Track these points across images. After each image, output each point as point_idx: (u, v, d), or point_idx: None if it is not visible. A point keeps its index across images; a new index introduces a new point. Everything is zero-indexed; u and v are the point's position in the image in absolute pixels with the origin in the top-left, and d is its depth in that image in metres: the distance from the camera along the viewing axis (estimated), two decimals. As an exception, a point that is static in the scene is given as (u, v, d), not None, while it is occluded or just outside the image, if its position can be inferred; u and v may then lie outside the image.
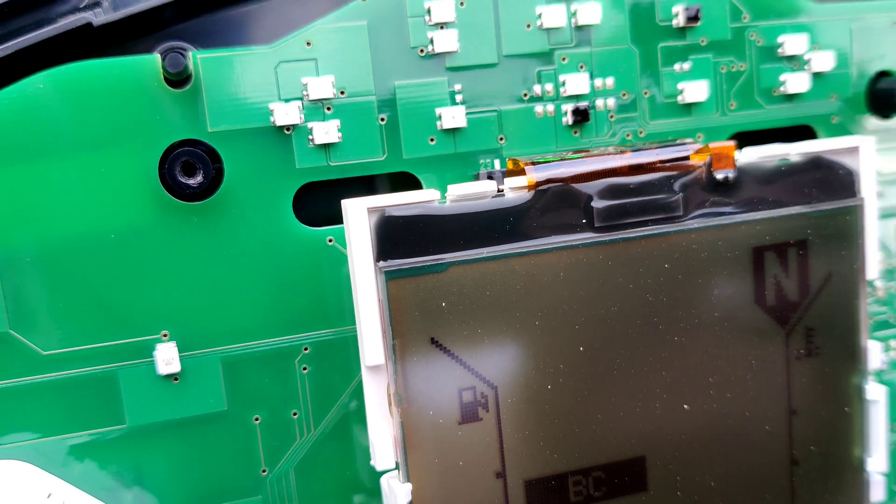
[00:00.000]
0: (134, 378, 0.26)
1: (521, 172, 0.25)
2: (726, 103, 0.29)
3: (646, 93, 0.29)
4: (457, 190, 0.24)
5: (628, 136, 0.29)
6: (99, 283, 0.25)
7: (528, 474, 0.25)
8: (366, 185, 0.28)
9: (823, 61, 0.30)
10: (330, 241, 0.27)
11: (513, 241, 0.24)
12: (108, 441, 0.26)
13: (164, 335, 0.26)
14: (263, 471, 0.27)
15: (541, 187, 0.24)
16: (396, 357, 0.24)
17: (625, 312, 0.25)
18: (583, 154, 0.26)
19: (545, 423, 0.25)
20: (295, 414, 0.27)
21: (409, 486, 0.24)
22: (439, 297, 0.24)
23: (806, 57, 0.30)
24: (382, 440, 0.24)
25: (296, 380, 0.27)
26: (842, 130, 0.31)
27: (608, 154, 0.25)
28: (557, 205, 0.25)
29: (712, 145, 0.25)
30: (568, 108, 0.28)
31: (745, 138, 0.29)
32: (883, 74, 0.31)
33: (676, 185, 0.25)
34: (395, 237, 0.23)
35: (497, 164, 0.28)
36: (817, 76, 0.30)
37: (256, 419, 0.27)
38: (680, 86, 0.29)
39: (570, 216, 0.25)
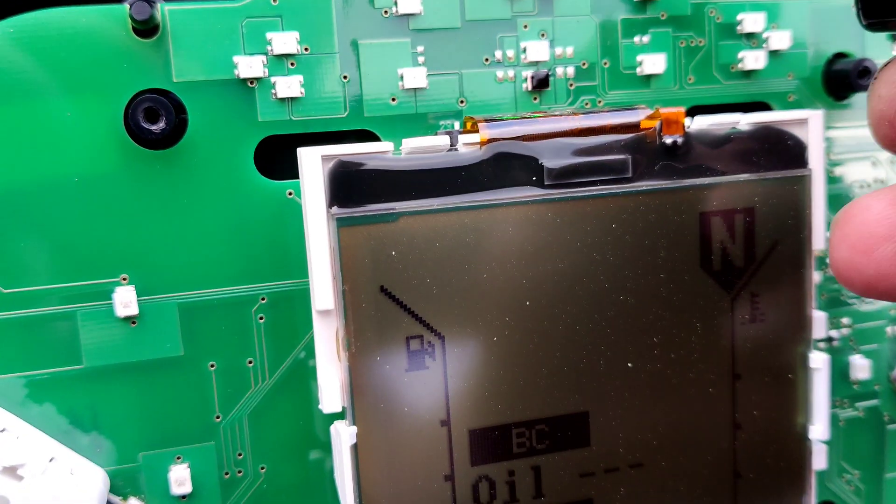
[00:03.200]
0: (92, 319, 0.26)
1: (476, 130, 0.25)
2: (684, 77, 0.30)
3: (605, 63, 0.29)
4: (411, 143, 0.25)
5: (587, 104, 0.29)
6: (62, 225, 0.26)
7: (473, 424, 0.26)
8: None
9: (781, 40, 0.31)
10: (289, 194, 0.27)
11: (464, 195, 0.25)
12: (65, 381, 0.26)
13: (124, 279, 0.26)
14: (217, 417, 0.28)
15: (493, 144, 0.25)
16: (346, 303, 0.24)
17: (571, 269, 0.26)
18: (539, 115, 0.26)
19: (490, 374, 0.26)
20: (250, 362, 0.28)
21: (354, 429, 0.25)
22: (390, 247, 0.25)
23: (764, 35, 0.31)
24: (330, 384, 0.25)
25: (252, 329, 0.27)
26: (798, 109, 0.31)
27: (561, 115, 0.26)
28: (509, 162, 0.25)
29: (662, 110, 0.26)
30: (528, 73, 0.29)
31: (703, 113, 0.30)
32: (839, 56, 0.32)
33: (626, 148, 0.26)
34: (348, 185, 0.24)
35: (456, 126, 0.28)
36: (774, 54, 0.31)
37: (212, 366, 0.27)
38: (639, 58, 0.30)
39: (520, 174, 0.25)
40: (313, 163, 0.24)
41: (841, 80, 0.31)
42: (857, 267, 0.22)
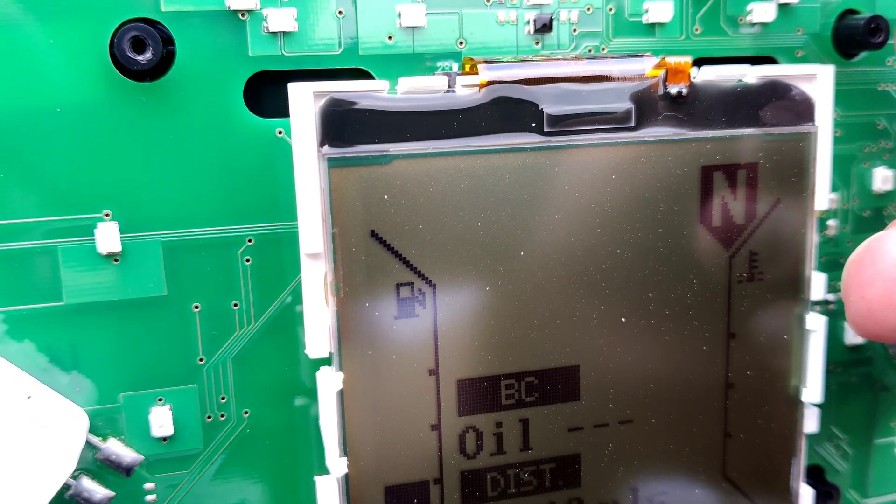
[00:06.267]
0: (73, 255, 0.25)
1: (475, 72, 0.25)
2: (691, 27, 0.29)
3: (610, 9, 0.28)
4: (407, 82, 0.24)
5: (590, 51, 0.28)
6: (43, 157, 0.25)
7: (462, 374, 0.25)
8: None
9: (791, -8, 0.30)
10: (279, 133, 0.26)
11: (460, 139, 0.24)
12: (44, 317, 0.25)
13: (107, 215, 0.25)
14: (201, 360, 0.27)
15: (492, 87, 0.24)
16: (335, 246, 0.24)
17: (568, 220, 0.25)
18: (541, 58, 0.25)
19: (481, 324, 0.25)
20: (235, 305, 0.27)
21: (340, 375, 0.24)
22: (382, 190, 0.24)
23: (774, -13, 0.30)
24: (317, 328, 0.24)
25: (238, 271, 0.27)
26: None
27: (564, 60, 0.25)
28: (508, 106, 0.24)
29: (668, 59, 0.25)
30: (531, 16, 0.28)
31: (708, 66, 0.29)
32: (850, 12, 0.31)
33: (629, 97, 0.25)
34: (340, 124, 0.23)
35: (455, 68, 0.27)
36: (784, 7, 0.30)
37: (196, 307, 0.27)
38: (645, 5, 0.29)
39: (519, 119, 0.25)
40: (304, 99, 0.23)
41: (850, 38, 0.31)
42: (886, 318, 0.20)
